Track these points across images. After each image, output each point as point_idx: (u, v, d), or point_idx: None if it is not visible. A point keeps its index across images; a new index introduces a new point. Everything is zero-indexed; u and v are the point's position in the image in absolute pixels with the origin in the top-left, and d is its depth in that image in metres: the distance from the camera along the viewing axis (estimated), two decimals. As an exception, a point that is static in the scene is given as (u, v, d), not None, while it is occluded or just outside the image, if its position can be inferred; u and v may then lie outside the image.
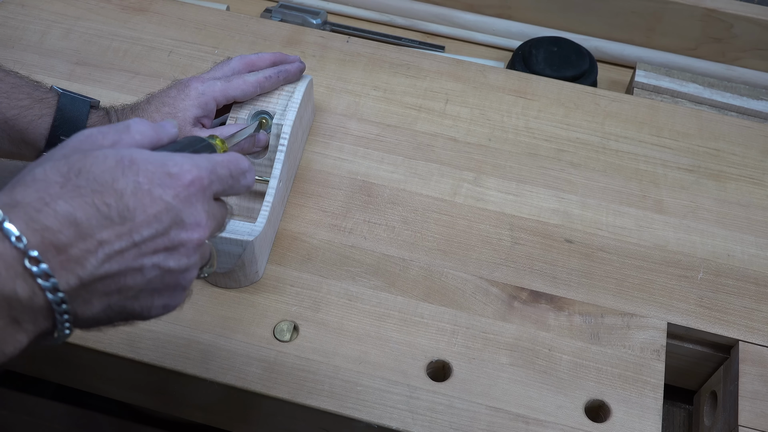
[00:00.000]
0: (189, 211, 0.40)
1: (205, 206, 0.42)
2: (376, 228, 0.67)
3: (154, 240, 0.39)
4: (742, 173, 0.74)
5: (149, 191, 0.39)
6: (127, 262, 0.38)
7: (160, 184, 0.39)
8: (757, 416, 0.58)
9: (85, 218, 0.37)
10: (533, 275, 0.65)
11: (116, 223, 0.37)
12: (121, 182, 0.38)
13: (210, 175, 0.42)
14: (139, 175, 0.39)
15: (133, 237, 0.38)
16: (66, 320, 0.37)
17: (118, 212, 0.38)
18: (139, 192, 0.38)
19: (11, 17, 0.83)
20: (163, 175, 0.39)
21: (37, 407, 0.82)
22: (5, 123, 0.60)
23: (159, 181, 0.39)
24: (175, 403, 0.65)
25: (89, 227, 0.37)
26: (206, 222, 0.42)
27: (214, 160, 0.43)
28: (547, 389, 0.59)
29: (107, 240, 0.37)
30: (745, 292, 0.65)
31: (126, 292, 0.39)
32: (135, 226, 0.38)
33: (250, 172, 0.45)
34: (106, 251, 0.37)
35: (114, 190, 0.38)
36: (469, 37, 0.96)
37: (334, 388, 0.58)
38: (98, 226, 0.37)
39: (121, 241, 0.38)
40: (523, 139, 0.76)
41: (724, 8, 0.89)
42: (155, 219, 0.39)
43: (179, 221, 0.40)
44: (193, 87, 0.63)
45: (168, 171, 0.40)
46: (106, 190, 0.38)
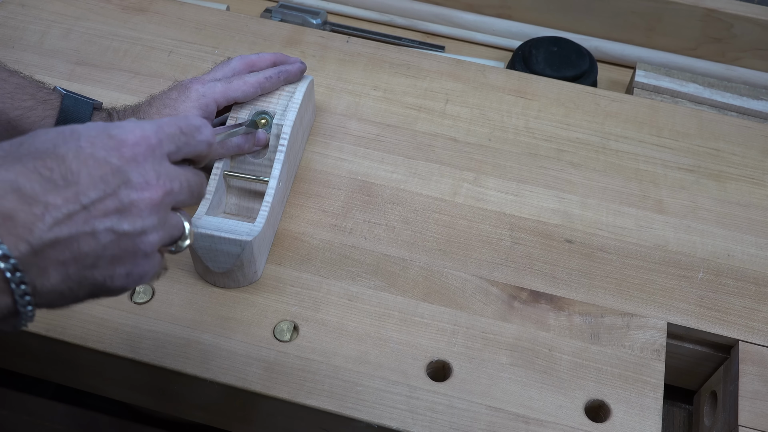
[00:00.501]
0: (136, 170, 0.40)
1: (156, 166, 0.41)
2: (376, 228, 0.67)
3: (102, 201, 0.38)
4: (742, 173, 0.74)
5: (92, 154, 0.38)
6: (78, 226, 0.37)
7: (103, 147, 0.39)
8: (757, 416, 0.58)
9: (28, 184, 0.36)
10: (533, 275, 0.65)
11: (61, 186, 0.37)
12: (62, 148, 0.38)
13: (157, 134, 0.41)
14: (80, 140, 0.38)
15: (80, 199, 0.37)
16: (25, 292, 0.36)
17: (62, 176, 0.37)
18: (82, 155, 0.38)
19: (11, 17, 0.83)
20: (104, 138, 0.39)
21: (37, 407, 0.82)
22: (8, 124, 0.60)
23: (101, 143, 0.39)
24: (175, 403, 0.65)
25: (33, 192, 0.36)
26: (157, 181, 0.41)
27: (159, 121, 0.42)
28: (547, 389, 0.59)
29: (53, 204, 0.37)
30: (745, 292, 0.65)
31: (83, 260, 0.38)
32: (81, 188, 0.37)
33: (204, 127, 0.45)
34: (54, 215, 0.36)
35: (56, 155, 0.37)
36: (469, 37, 0.96)
37: (334, 388, 0.58)
38: (42, 190, 0.36)
39: (69, 204, 0.37)
40: (523, 139, 0.76)
41: (724, 8, 0.89)
42: (101, 180, 0.38)
43: (126, 181, 0.39)
44: (193, 89, 0.63)
45: (109, 133, 0.39)
46: (47, 155, 0.37)
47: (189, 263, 0.63)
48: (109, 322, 0.60)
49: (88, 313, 0.60)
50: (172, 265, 0.64)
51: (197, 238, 0.59)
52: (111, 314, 0.60)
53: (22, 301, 0.37)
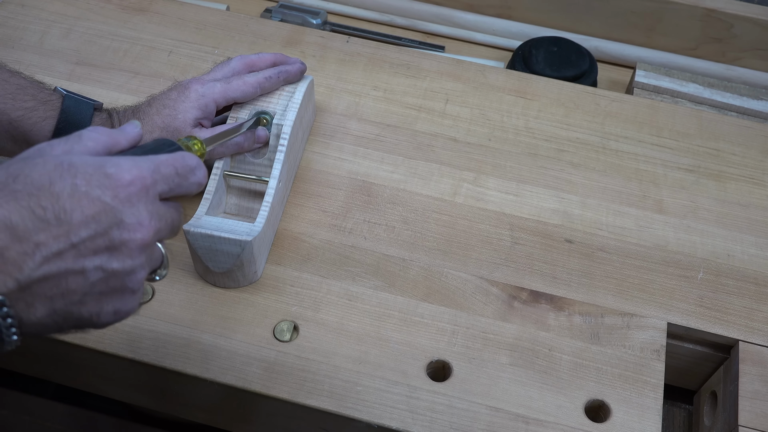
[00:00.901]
0: (130, 211, 0.40)
1: (149, 206, 0.41)
2: (376, 228, 0.67)
3: (93, 240, 0.39)
4: (742, 173, 0.74)
5: (86, 193, 0.39)
6: (67, 264, 0.38)
7: (99, 185, 0.39)
8: (757, 416, 0.58)
9: (21, 222, 0.37)
10: (533, 275, 0.65)
11: (53, 225, 0.37)
12: (58, 185, 0.38)
13: (153, 175, 0.42)
14: (76, 177, 0.39)
15: (70, 238, 0.38)
16: (10, 324, 0.37)
17: (55, 215, 0.38)
18: (77, 194, 0.38)
19: (11, 17, 0.83)
20: (101, 176, 0.39)
21: (37, 407, 0.82)
22: (9, 124, 0.60)
23: (97, 182, 0.39)
24: (175, 403, 0.65)
25: (25, 230, 0.37)
26: (149, 222, 0.41)
27: (157, 159, 0.42)
28: (547, 389, 0.59)
29: (44, 242, 0.37)
30: (745, 292, 0.65)
31: (70, 296, 0.39)
32: (72, 227, 0.38)
33: (199, 168, 0.45)
34: (43, 253, 0.37)
35: (50, 193, 0.38)
36: (469, 37, 0.96)
37: (334, 388, 0.58)
38: (34, 229, 0.37)
39: (59, 242, 0.37)
40: (523, 139, 0.76)
41: (724, 8, 0.89)
42: (93, 220, 0.38)
43: (119, 221, 0.40)
44: (193, 89, 0.63)
45: (105, 172, 0.40)
46: (42, 193, 0.38)
47: (189, 263, 0.63)
48: (109, 322, 0.60)
49: (88, 313, 0.60)
50: (172, 265, 0.64)
51: (197, 238, 0.59)
52: (111, 314, 0.60)
53: (7, 332, 0.37)
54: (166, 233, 0.43)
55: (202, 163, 0.45)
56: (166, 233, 0.43)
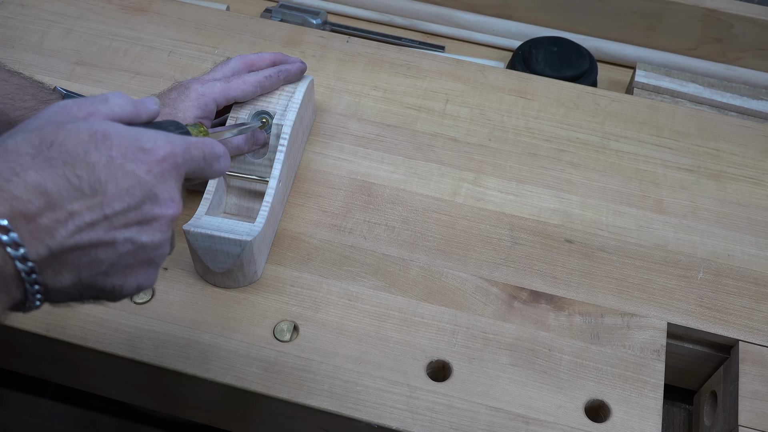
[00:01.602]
0: (163, 186, 0.40)
1: (178, 183, 0.42)
2: (376, 228, 0.67)
3: (126, 213, 0.39)
4: (742, 173, 0.74)
5: (122, 165, 0.39)
6: (98, 234, 0.38)
7: (133, 159, 0.39)
8: (757, 416, 0.58)
9: (56, 189, 0.37)
10: (533, 275, 0.65)
11: (87, 195, 0.37)
12: (94, 155, 0.38)
13: (184, 154, 0.42)
14: (112, 149, 0.39)
15: (104, 210, 0.38)
16: (37, 291, 0.37)
17: (90, 185, 0.38)
18: (112, 166, 0.38)
19: (11, 17, 0.83)
20: (136, 150, 0.39)
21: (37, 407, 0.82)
22: (9, 125, 0.60)
23: (132, 155, 0.39)
24: (175, 403, 0.65)
25: (59, 198, 0.37)
26: (179, 198, 0.42)
27: (188, 140, 0.43)
28: (547, 389, 0.59)
29: (77, 211, 0.37)
30: (745, 292, 0.65)
31: (97, 267, 0.39)
32: (106, 199, 0.38)
33: (224, 158, 0.45)
34: (77, 222, 0.37)
35: (86, 163, 0.38)
36: (469, 37, 0.96)
37: (334, 388, 0.58)
38: (69, 197, 0.37)
39: (92, 213, 0.38)
40: (523, 139, 0.76)
41: (724, 8, 0.89)
42: (127, 193, 0.39)
43: (153, 196, 0.40)
44: (193, 89, 0.64)
45: (141, 146, 0.40)
46: (78, 162, 0.38)
47: (189, 263, 0.63)
48: (109, 322, 0.60)
49: (88, 313, 0.60)
50: (172, 265, 0.64)
51: (197, 238, 0.59)
52: (111, 314, 0.60)
53: (32, 297, 0.38)
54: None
55: (227, 153, 0.46)
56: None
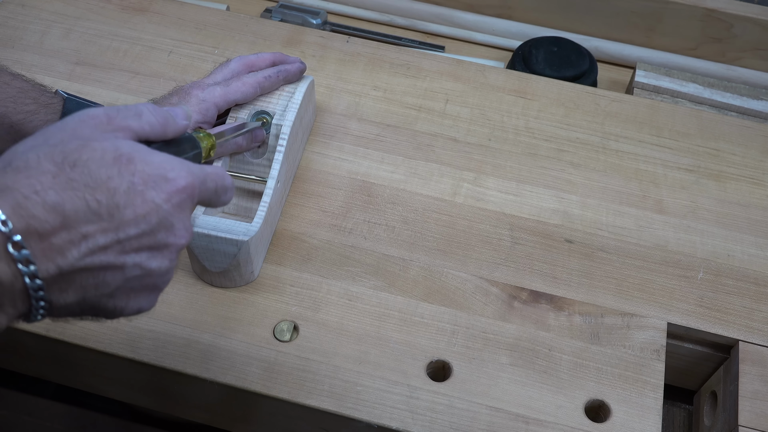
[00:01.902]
0: (179, 216, 0.41)
1: (190, 214, 0.43)
2: (376, 228, 0.67)
3: (139, 239, 0.39)
4: (742, 173, 0.74)
5: (142, 192, 0.39)
6: (109, 258, 0.38)
7: (154, 187, 0.40)
8: (757, 416, 0.58)
9: (73, 211, 0.37)
10: (533, 275, 0.65)
11: (104, 219, 0.38)
12: (116, 180, 0.38)
13: (201, 185, 0.43)
14: (135, 176, 0.39)
15: (118, 234, 0.38)
16: (41, 307, 0.38)
17: (108, 209, 0.38)
18: (132, 192, 0.39)
19: (11, 17, 0.83)
20: (158, 178, 0.40)
21: (37, 407, 0.82)
22: (11, 128, 0.60)
23: (153, 183, 0.40)
24: (175, 403, 0.65)
25: (76, 220, 0.37)
26: (191, 228, 0.42)
27: (206, 171, 0.43)
28: (547, 389, 0.59)
29: (91, 234, 0.37)
30: (745, 292, 0.65)
31: (103, 288, 0.39)
32: (122, 223, 0.38)
33: (231, 190, 0.46)
34: (89, 245, 0.37)
35: (107, 188, 0.38)
36: (469, 37, 0.96)
37: (334, 388, 0.58)
38: (85, 219, 0.37)
39: (106, 236, 0.38)
40: (523, 139, 0.76)
41: (724, 8, 0.89)
42: (144, 219, 0.39)
43: (168, 225, 0.40)
44: (193, 94, 0.64)
45: (165, 175, 0.40)
46: (99, 186, 0.38)
47: (188, 263, 0.63)
48: (109, 322, 0.60)
49: (88, 313, 0.60)
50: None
51: (194, 237, 0.58)
52: (111, 314, 0.60)
53: (36, 312, 0.38)
54: None
55: (233, 186, 0.47)
56: None
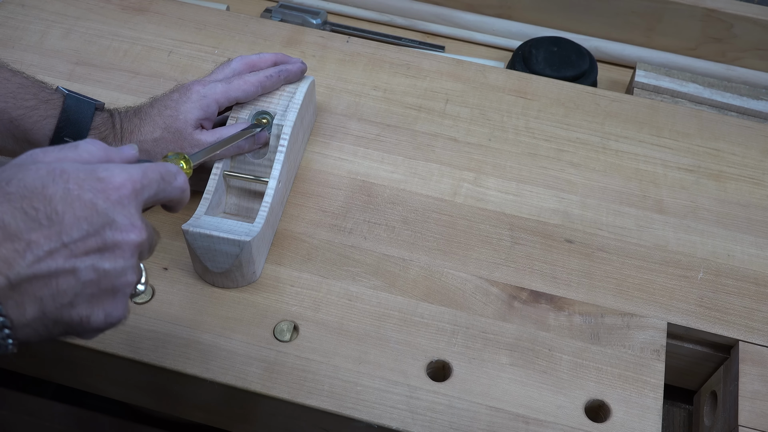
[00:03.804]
0: (122, 212, 0.41)
1: (139, 209, 0.42)
2: (376, 228, 0.67)
3: (84, 241, 0.39)
4: (742, 173, 0.74)
5: (78, 195, 0.39)
6: (57, 263, 0.38)
7: (90, 189, 0.40)
8: (757, 416, 0.58)
9: (13, 221, 0.37)
10: (533, 275, 0.65)
11: (44, 225, 0.38)
12: (51, 188, 0.39)
13: (141, 179, 0.43)
14: (69, 182, 0.39)
15: (62, 238, 0.38)
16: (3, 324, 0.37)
17: (47, 215, 0.38)
18: (69, 197, 0.39)
19: (11, 17, 0.83)
20: (93, 180, 0.40)
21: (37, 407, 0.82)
22: (11, 123, 0.60)
23: (89, 185, 0.40)
24: (175, 403, 0.65)
25: (17, 229, 0.37)
26: (141, 224, 0.42)
27: (144, 166, 0.44)
28: (547, 389, 0.59)
29: (35, 241, 0.38)
30: (745, 292, 0.65)
31: (61, 297, 0.39)
32: (64, 227, 0.38)
33: (179, 174, 0.46)
34: (35, 252, 0.38)
35: (43, 196, 0.38)
36: (469, 37, 0.96)
37: (334, 388, 0.58)
38: (26, 228, 0.38)
39: (50, 242, 0.38)
40: (523, 139, 0.76)
41: (724, 8, 0.89)
42: (85, 220, 0.39)
43: (111, 222, 0.40)
44: (194, 90, 0.64)
45: (97, 176, 0.41)
46: (35, 195, 0.38)
47: (189, 263, 0.63)
48: (109, 322, 0.60)
49: (88, 313, 0.60)
50: (172, 265, 0.64)
51: (196, 238, 0.59)
52: (111, 314, 0.60)
53: (1, 333, 0.38)
54: (146, 247, 0.44)
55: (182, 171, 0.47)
56: (146, 247, 0.44)
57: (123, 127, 0.63)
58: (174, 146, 0.62)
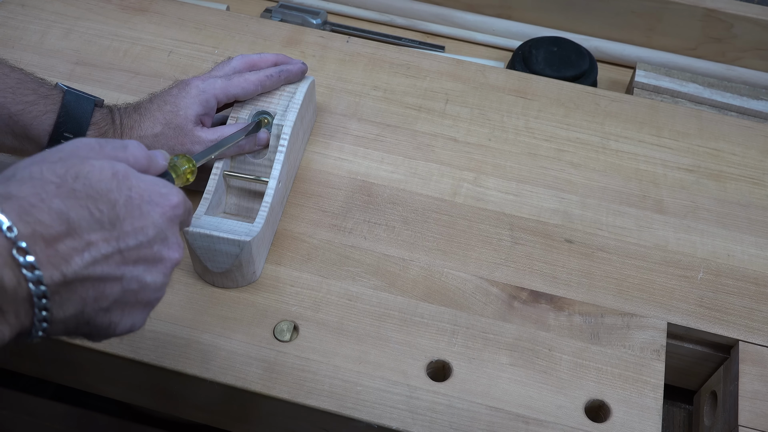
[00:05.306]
0: (172, 230, 0.43)
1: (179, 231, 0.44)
2: (376, 228, 0.67)
3: (138, 250, 0.40)
4: (742, 173, 0.74)
5: (139, 206, 0.41)
6: (110, 268, 0.39)
7: (149, 201, 0.41)
8: (757, 416, 0.58)
9: (77, 218, 0.38)
10: (533, 275, 0.65)
11: (106, 228, 0.39)
12: (115, 194, 0.40)
13: (188, 206, 0.45)
14: (132, 190, 0.41)
15: (119, 244, 0.39)
16: (44, 319, 0.37)
17: (110, 219, 0.39)
18: (130, 205, 0.40)
19: (11, 17, 0.83)
20: (154, 194, 0.42)
21: (37, 407, 0.82)
22: (10, 118, 0.60)
23: (149, 198, 0.41)
24: (175, 403, 0.65)
25: (80, 227, 0.38)
26: (183, 245, 0.44)
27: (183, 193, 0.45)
28: (547, 389, 0.59)
29: (95, 242, 0.38)
30: (745, 292, 0.65)
31: (101, 302, 0.39)
32: (123, 234, 0.39)
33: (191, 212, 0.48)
34: (93, 253, 0.38)
35: (108, 200, 0.39)
36: (469, 37, 0.96)
37: (334, 388, 0.58)
38: (88, 228, 0.38)
39: (108, 245, 0.39)
40: (523, 139, 0.76)
41: (724, 8, 0.89)
42: (141, 231, 0.40)
43: (164, 237, 0.42)
44: (193, 85, 0.64)
45: (159, 191, 0.42)
46: (100, 197, 0.39)
47: (189, 263, 0.63)
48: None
49: (88, 313, 0.60)
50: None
51: (196, 238, 0.59)
52: (111, 314, 0.60)
53: (38, 326, 0.38)
54: None
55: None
56: None
57: (123, 122, 0.63)
58: (174, 142, 0.62)
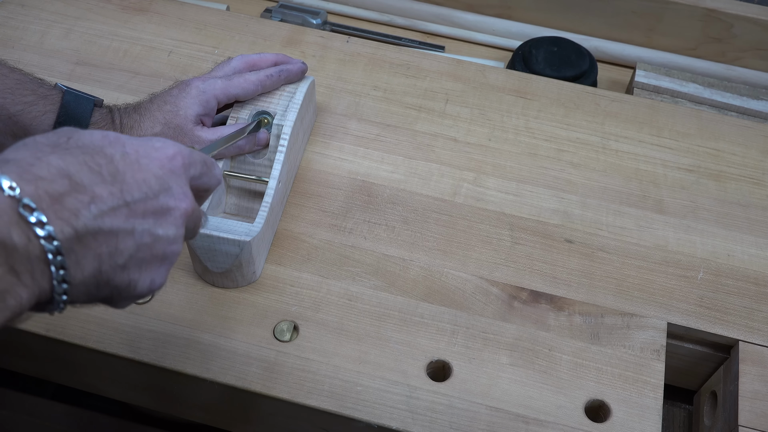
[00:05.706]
0: (175, 181, 0.42)
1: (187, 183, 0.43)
2: (376, 228, 0.67)
3: (144, 202, 0.39)
4: (742, 173, 0.74)
5: (137, 160, 0.40)
6: (120, 221, 0.38)
7: (146, 156, 0.41)
8: (757, 416, 0.58)
9: (77, 173, 0.37)
10: (533, 275, 0.65)
11: (108, 181, 0.38)
12: (110, 149, 0.39)
13: (189, 155, 0.44)
14: (125, 147, 0.40)
15: (124, 196, 0.38)
16: (63, 278, 0.36)
17: (109, 173, 0.38)
18: (127, 159, 0.40)
19: (11, 17, 0.83)
20: (148, 148, 0.41)
21: (37, 407, 0.82)
22: (9, 119, 0.60)
23: (144, 152, 0.41)
24: (175, 403, 0.65)
25: (82, 181, 0.37)
26: (191, 194, 0.43)
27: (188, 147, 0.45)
28: (547, 389, 0.59)
29: (99, 195, 0.37)
30: (745, 292, 0.65)
31: (117, 257, 0.39)
32: (126, 186, 0.39)
33: (217, 165, 0.47)
34: (99, 206, 0.37)
35: (104, 154, 0.39)
36: (469, 37, 0.96)
37: (334, 388, 0.58)
38: (90, 181, 0.37)
39: (114, 198, 0.38)
40: (523, 139, 0.76)
41: (724, 8, 0.89)
42: (144, 183, 0.40)
43: (167, 188, 0.41)
44: (194, 85, 0.64)
45: (152, 145, 0.42)
46: (96, 152, 0.39)
47: (189, 263, 0.63)
48: (109, 322, 0.60)
49: (88, 313, 0.60)
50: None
51: (196, 238, 0.58)
52: (111, 314, 0.60)
53: (59, 288, 0.37)
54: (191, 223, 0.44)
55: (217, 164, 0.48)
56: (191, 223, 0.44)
57: (123, 122, 0.63)
58: None
